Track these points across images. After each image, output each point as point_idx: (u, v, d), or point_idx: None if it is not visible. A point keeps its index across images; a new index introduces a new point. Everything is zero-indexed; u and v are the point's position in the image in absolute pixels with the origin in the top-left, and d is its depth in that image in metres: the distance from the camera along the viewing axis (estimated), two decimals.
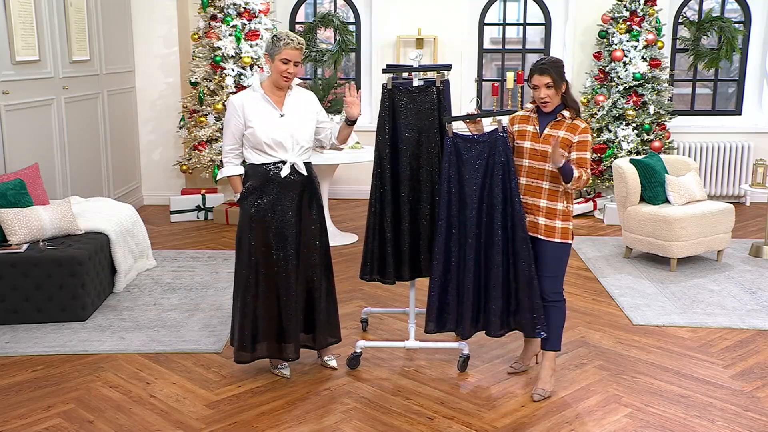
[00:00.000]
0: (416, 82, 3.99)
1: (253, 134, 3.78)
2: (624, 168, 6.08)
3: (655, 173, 6.02)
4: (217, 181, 7.41)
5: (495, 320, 3.83)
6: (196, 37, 7.42)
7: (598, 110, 7.61)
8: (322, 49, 8.26)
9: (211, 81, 7.28)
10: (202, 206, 7.50)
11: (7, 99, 5.33)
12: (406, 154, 3.99)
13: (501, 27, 8.56)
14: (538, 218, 3.74)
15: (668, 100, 7.71)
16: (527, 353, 4.13)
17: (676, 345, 4.48)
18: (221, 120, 7.26)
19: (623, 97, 7.52)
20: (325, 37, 8.54)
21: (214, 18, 7.26)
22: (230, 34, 7.19)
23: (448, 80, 4.04)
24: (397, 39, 8.11)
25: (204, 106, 7.29)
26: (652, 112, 7.47)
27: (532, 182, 3.74)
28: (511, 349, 4.37)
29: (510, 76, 7.71)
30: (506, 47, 8.62)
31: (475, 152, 3.75)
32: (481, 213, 3.77)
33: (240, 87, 7.19)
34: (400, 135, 3.97)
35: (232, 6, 7.20)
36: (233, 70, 7.19)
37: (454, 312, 3.88)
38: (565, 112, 3.69)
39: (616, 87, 7.54)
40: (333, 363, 4.14)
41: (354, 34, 8.37)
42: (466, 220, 3.79)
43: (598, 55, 7.83)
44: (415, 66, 4.00)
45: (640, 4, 7.50)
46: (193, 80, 7.31)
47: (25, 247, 4.78)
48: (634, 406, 3.74)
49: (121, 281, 5.33)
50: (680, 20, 8.33)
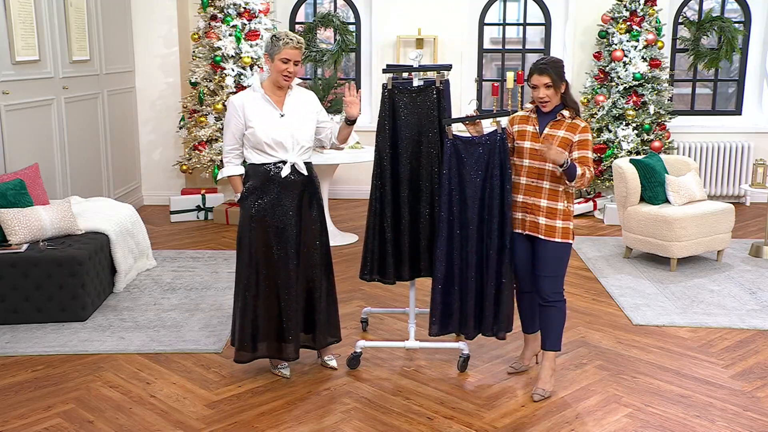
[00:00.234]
0: (416, 82, 3.99)
1: (254, 134, 3.77)
2: (624, 168, 6.08)
3: (655, 173, 6.02)
4: (217, 181, 7.41)
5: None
6: (196, 37, 7.42)
7: (598, 110, 7.61)
8: (322, 49, 8.26)
9: (211, 81, 7.28)
10: (202, 206, 7.50)
11: (7, 99, 5.33)
12: (406, 154, 3.99)
13: (501, 27, 8.56)
14: (538, 218, 3.73)
15: (668, 100, 7.71)
16: (527, 353, 4.13)
17: (676, 345, 4.48)
18: (221, 120, 7.26)
19: (623, 97, 7.52)
20: (325, 37, 8.54)
21: (214, 18, 7.26)
22: (230, 34, 7.19)
23: (448, 80, 4.03)
24: (397, 39, 8.11)
25: (204, 106, 7.29)
26: (652, 112, 7.47)
27: (533, 182, 3.74)
28: (511, 349, 4.37)
29: (510, 76, 7.71)
30: (506, 47, 8.61)
31: (475, 154, 3.75)
32: (483, 214, 3.79)
33: (240, 87, 7.19)
34: (400, 135, 3.97)
35: (232, 6, 7.20)
36: (233, 70, 7.19)
37: (458, 313, 3.90)
38: (565, 112, 3.69)
39: (616, 87, 7.54)
40: (333, 363, 4.14)
41: (354, 34, 8.37)
42: (467, 221, 3.80)
43: (598, 55, 7.83)
44: (415, 66, 4.00)
45: (640, 4, 7.50)
46: (193, 80, 7.30)
47: (25, 247, 4.78)
48: (634, 406, 3.74)
49: (121, 281, 5.33)
50: (680, 20, 8.33)
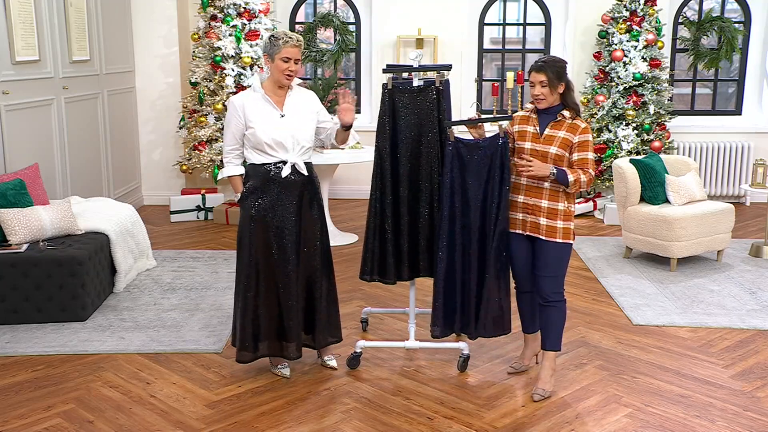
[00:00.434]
0: (416, 82, 3.99)
1: (254, 134, 3.77)
2: (624, 168, 6.08)
3: (655, 173, 6.02)
4: (217, 181, 7.41)
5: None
6: (196, 37, 7.42)
7: (598, 110, 7.61)
8: (322, 49, 8.26)
9: (211, 81, 7.28)
10: (202, 206, 7.50)
11: (7, 99, 5.33)
12: (406, 154, 3.99)
13: (501, 27, 8.56)
14: (539, 218, 3.73)
15: (668, 100, 7.71)
16: (527, 353, 4.13)
17: (676, 345, 4.48)
18: (221, 120, 7.26)
19: (623, 97, 7.52)
20: (325, 37, 8.54)
21: (214, 18, 7.26)
22: (230, 34, 7.19)
23: (448, 80, 4.03)
24: (397, 39, 8.11)
25: (204, 106, 7.29)
26: (652, 112, 7.47)
27: (533, 183, 3.73)
28: (511, 349, 4.36)
29: (510, 76, 7.70)
30: (506, 47, 8.61)
31: (477, 157, 3.76)
32: (484, 217, 3.79)
33: (240, 87, 7.19)
34: (400, 135, 3.97)
35: (232, 6, 7.20)
36: (233, 70, 7.19)
37: (459, 314, 3.91)
38: (566, 113, 3.69)
39: (616, 87, 7.54)
40: (333, 363, 4.14)
41: (354, 34, 8.37)
42: (469, 224, 3.80)
43: (598, 55, 7.83)
44: (415, 66, 4.00)
45: (640, 4, 7.50)
46: (193, 80, 7.30)
47: (25, 247, 4.78)
48: (634, 406, 3.74)
49: (121, 281, 5.33)
50: (680, 20, 8.33)
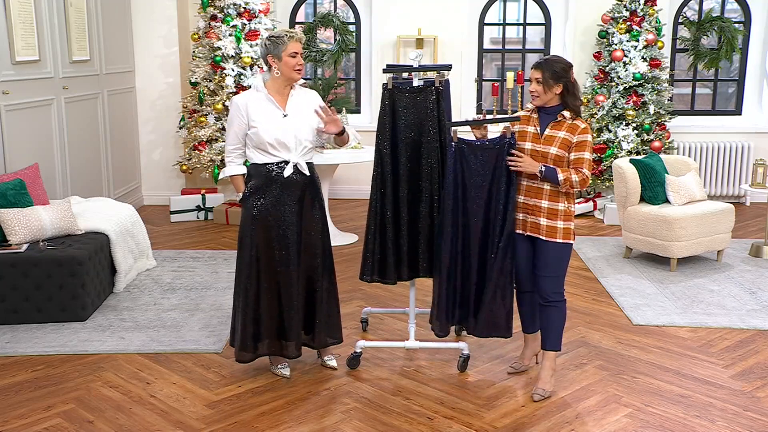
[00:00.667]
0: (416, 82, 3.99)
1: (257, 134, 3.78)
2: (624, 168, 6.08)
3: (655, 173, 6.02)
4: (217, 181, 7.41)
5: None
6: (196, 37, 7.42)
7: (598, 110, 7.61)
8: (322, 49, 8.26)
9: (211, 81, 7.28)
10: (202, 206, 7.50)
11: (7, 99, 5.33)
12: (406, 154, 3.99)
13: (501, 27, 8.56)
14: (539, 219, 3.73)
15: (668, 100, 7.71)
16: (527, 353, 4.13)
17: (676, 345, 4.48)
18: (221, 120, 7.26)
19: (623, 97, 7.52)
20: (325, 37, 8.54)
21: (214, 18, 7.26)
22: (230, 34, 7.19)
23: (448, 80, 4.04)
24: (397, 39, 8.11)
25: (204, 106, 7.29)
26: (652, 112, 7.46)
27: (534, 183, 3.73)
28: (511, 349, 4.36)
29: (510, 76, 7.70)
30: (506, 47, 8.61)
31: (482, 158, 3.75)
32: (487, 218, 3.77)
33: (240, 87, 7.19)
34: (400, 135, 3.97)
35: (232, 6, 7.20)
36: (233, 70, 7.19)
37: (459, 310, 3.93)
38: (566, 113, 3.70)
39: (616, 87, 7.54)
40: (333, 363, 4.14)
41: (354, 34, 8.37)
42: (471, 224, 3.80)
43: (598, 55, 7.83)
44: (415, 66, 4.00)
45: (640, 4, 7.50)
46: (193, 80, 7.30)
47: (25, 247, 4.78)
48: (634, 406, 3.74)
49: (121, 281, 5.33)
50: (680, 20, 8.33)
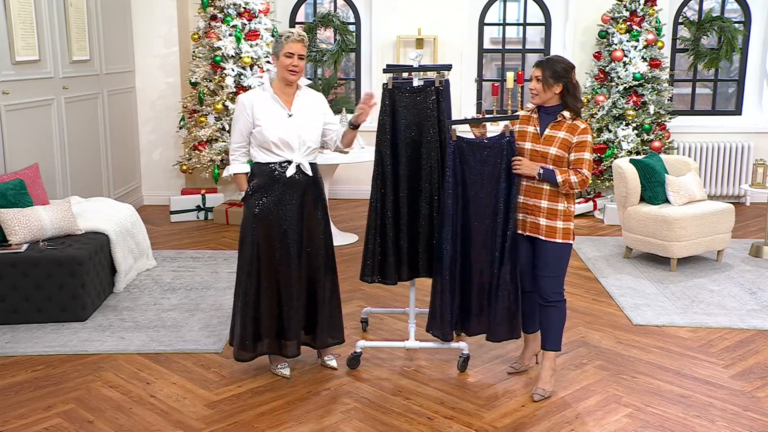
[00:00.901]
0: (416, 82, 3.99)
1: (261, 133, 3.79)
2: (624, 168, 6.08)
3: (655, 173, 6.02)
4: (217, 181, 7.41)
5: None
6: (196, 37, 7.42)
7: (598, 110, 7.61)
8: (322, 49, 8.26)
9: (211, 81, 7.28)
10: (202, 206, 7.50)
11: (7, 99, 5.33)
12: (407, 154, 3.99)
13: (501, 27, 8.56)
14: (539, 219, 3.73)
15: (668, 100, 7.71)
16: (527, 353, 4.13)
17: (676, 345, 4.48)
18: (221, 120, 7.26)
19: (623, 97, 7.52)
20: (325, 37, 8.54)
21: (214, 18, 7.26)
22: (230, 34, 7.19)
23: (448, 80, 4.03)
24: (397, 39, 8.11)
25: (204, 106, 7.29)
26: (652, 112, 7.47)
27: (533, 183, 3.73)
28: (511, 349, 4.36)
29: (510, 76, 7.71)
30: (506, 47, 8.61)
31: (480, 156, 3.75)
32: (486, 217, 3.77)
33: (240, 87, 7.20)
34: (400, 135, 3.97)
35: (232, 6, 7.20)
36: (233, 70, 7.18)
37: (458, 313, 3.92)
38: (566, 113, 3.70)
39: (616, 87, 7.54)
40: (333, 363, 4.14)
41: (354, 34, 8.37)
42: (470, 224, 3.79)
43: (598, 55, 7.83)
44: (415, 66, 4.00)
45: (640, 4, 7.50)
46: (193, 80, 7.30)
47: (25, 247, 4.78)
48: (634, 406, 3.74)
49: (121, 281, 5.33)
50: (680, 20, 8.33)
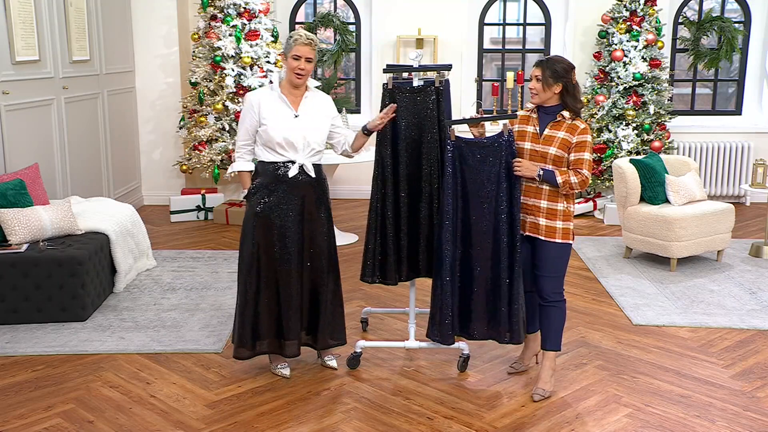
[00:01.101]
0: (416, 82, 3.99)
1: (266, 132, 3.80)
2: (624, 168, 6.08)
3: (655, 173, 6.02)
4: (217, 181, 7.41)
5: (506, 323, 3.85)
6: (196, 37, 7.42)
7: (598, 110, 7.61)
8: (322, 49, 8.26)
9: (211, 81, 7.28)
10: (202, 206, 7.50)
11: (7, 99, 5.33)
12: (407, 154, 3.99)
13: (501, 27, 8.56)
14: (538, 219, 3.73)
15: (668, 100, 7.71)
16: (527, 353, 4.13)
17: (676, 345, 4.48)
18: (221, 120, 7.26)
19: (623, 97, 7.52)
20: (325, 37, 8.54)
21: (214, 18, 7.26)
22: (230, 34, 7.19)
23: (448, 80, 4.03)
24: (397, 39, 8.11)
25: (204, 106, 7.29)
26: (652, 112, 7.47)
27: (533, 183, 3.73)
28: (511, 349, 4.36)
29: (510, 76, 7.70)
30: (506, 47, 8.61)
31: (478, 156, 3.74)
32: (487, 217, 3.75)
33: (240, 87, 7.20)
34: (400, 135, 3.97)
35: (232, 6, 7.20)
36: (233, 70, 7.19)
37: (457, 317, 3.90)
38: (565, 113, 3.70)
39: (616, 87, 7.54)
40: (333, 363, 4.14)
41: (354, 34, 8.37)
42: (470, 224, 3.78)
43: (598, 55, 7.83)
44: (415, 66, 4.00)
45: (640, 4, 7.50)
46: (193, 80, 7.30)
47: (25, 247, 4.78)
48: (634, 406, 3.74)
49: (121, 281, 5.33)
50: (680, 20, 8.33)
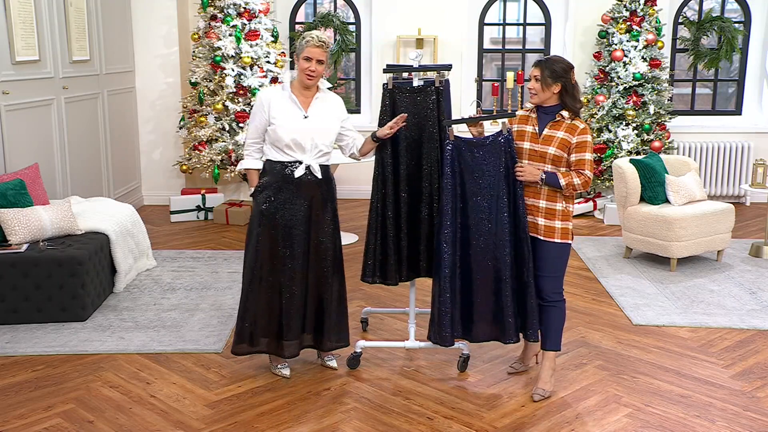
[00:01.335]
0: (416, 82, 3.99)
1: (275, 131, 3.81)
2: (624, 168, 6.08)
3: (655, 173, 6.02)
4: (218, 181, 7.42)
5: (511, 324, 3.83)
6: (196, 37, 7.42)
7: (598, 110, 7.62)
8: None
9: (211, 81, 7.28)
10: (202, 206, 7.50)
11: (7, 99, 5.33)
12: (407, 154, 3.99)
13: (501, 27, 8.56)
14: (537, 219, 3.74)
15: (668, 100, 7.71)
16: (527, 353, 4.13)
17: (676, 345, 4.48)
18: (221, 120, 7.27)
19: (623, 97, 7.52)
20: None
21: (214, 18, 7.26)
22: (230, 34, 7.19)
23: (448, 80, 4.04)
24: (397, 39, 8.11)
25: (204, 106, 7.29)
26: (652, 112, 7.47)
27: (532, 183, 3.73)
28: (511, 349, 4.36)
29: (510, 76, 7.71)
30: (506, 47, 8.61)
31: (477, 155, 3.74)
32: (487, 217, 3.75)
33: (240, 87, 7.20)
34: (401, 135, 3.97)
35: (232, 6, 7.20)
36: (233, 70, 7.19)
37: (460, 319, 3.89)
38: (564, 113, 3.70)
39: (616, 87, 7.54)
40: (333, 363, 4.15)
41: (354, 34, 8.37)
42: (469, 224, 3.78)
43: (598, 55, 7.83)
44: (415, 66, 4.00)
45: (640, 4, 7.50)
46: (193, 80, 7.31)
47: (25, 247, 4.78)
48: (634, 406, 3.74)
49: (121, 281, 5.33)
50: (680, 20, 8.33)
